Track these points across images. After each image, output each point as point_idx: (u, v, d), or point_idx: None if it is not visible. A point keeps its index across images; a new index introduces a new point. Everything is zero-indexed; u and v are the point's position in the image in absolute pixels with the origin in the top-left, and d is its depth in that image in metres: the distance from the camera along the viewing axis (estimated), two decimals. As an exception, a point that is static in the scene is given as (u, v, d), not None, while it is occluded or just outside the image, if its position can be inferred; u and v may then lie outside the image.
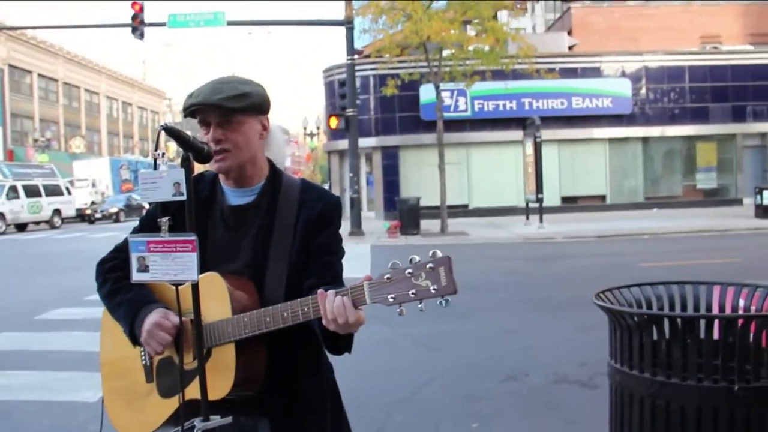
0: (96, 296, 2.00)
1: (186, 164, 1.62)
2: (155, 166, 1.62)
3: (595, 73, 26.54)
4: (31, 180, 30.59)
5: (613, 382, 2.49)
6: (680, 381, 2.20)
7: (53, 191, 31.58)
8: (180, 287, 1.70)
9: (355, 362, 5.69)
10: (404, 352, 6.53)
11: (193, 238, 1.60)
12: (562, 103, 25.83)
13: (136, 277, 1.65)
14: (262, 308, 1.70)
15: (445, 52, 20.09)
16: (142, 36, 20.53)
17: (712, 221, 19.80)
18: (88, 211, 35.29)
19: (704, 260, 11.96)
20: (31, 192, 29.70)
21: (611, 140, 26.71)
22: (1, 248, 20.60)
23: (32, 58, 44.05)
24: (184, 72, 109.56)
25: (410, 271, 1.57)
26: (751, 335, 2.16)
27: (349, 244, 7.32)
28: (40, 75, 45.30)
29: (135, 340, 1.80)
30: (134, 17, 20.12)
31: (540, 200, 19.65)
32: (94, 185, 39.09)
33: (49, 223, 31.00)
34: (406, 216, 19.70)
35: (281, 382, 1.85)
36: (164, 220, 1.61)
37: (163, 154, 1.63)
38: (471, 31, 20.55)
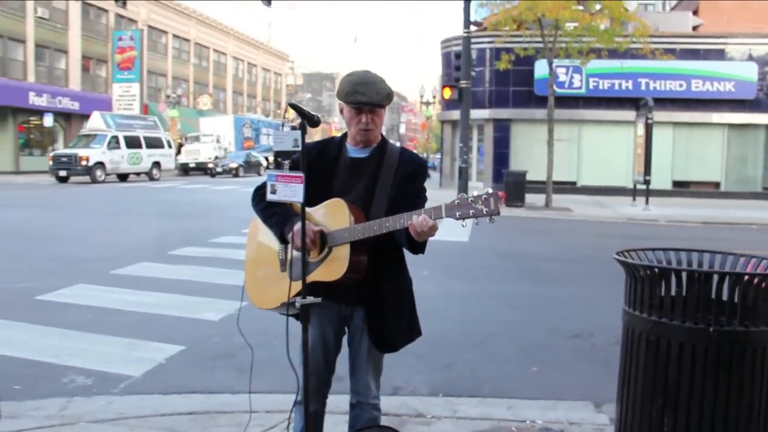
0: (219, 239, 2.90)
1: (302, 128, 2.46)
2: (282, 127, 2.45)
3: (719, 55, 25.63)
4: (133, 131, 31.13)
5: (624, 322, 3.10)
6: (668, 321, 2.81)
7: (154, 144, 32.24)
8: (310, 208, 2.59)
9: (440, 310, 6.56)
10: (485, 307, 7.22)
11: (301, 174, 2.44)
12: (681, 85, 25.20)
13: (269, 197, 2.52)
14: (370, 221, 2.53)
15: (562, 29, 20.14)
16: (269, 3, 21.80)
17: (831, 215, 19.02)
18: (210, 165, 37.06)
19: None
20: (132, 143, 30.28)
21: (731, 126, 25.82)
22: (131, 195, 22.67)
23: (168, 19, 46.92)
24: (305, 35, 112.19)
25: (471, 199, 2.36)
26: (726, 291, 2.73)
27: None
28: (174, 35, 48.20)
29: (283, 239, 2.67)
30: (264, -16, 21.38)
31: (647, 182, 19.53)
32: (218, 141, 41.20)
33: (149, 175, 31.62)
34: (512, 188, 20.05)
35: (372, 280, 2.66)
36: (286, 163, 2.47)
37: (288, 121, 2.48)
38: (588, 8, 20.42)
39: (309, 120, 2.44)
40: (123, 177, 30.57)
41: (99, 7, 39.50)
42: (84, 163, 27.38)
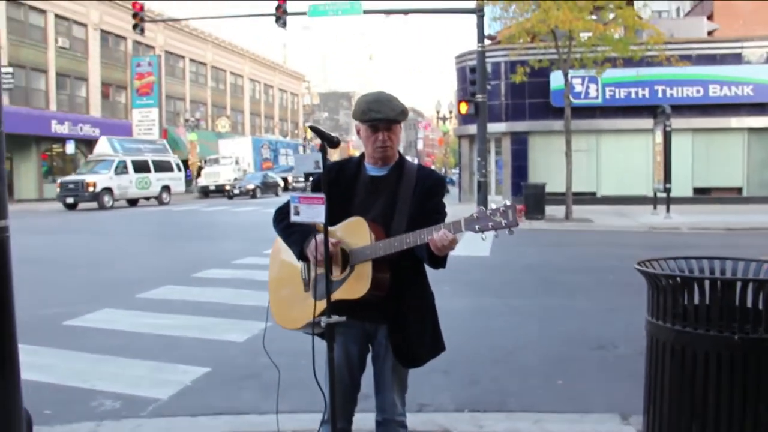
0: (241, 260, 2.93)
1: (323, 149, 2.52)
2: (303, 150, 2.50)
3: (736, 59, 25.45)
4: (142, 155, 30.79)
5: (648, 332, 3.10)
6: (692, 330, 2.80)
7: (163, 167, 31.70)
8: (331, 227, 2.61)
9: (463, 325, 6.56)
10: (508, 320, 7.20)
11: (323, 196, 2.48)
12: (698, 91, 25.04)
13: (293, 219, 2.57)
14: (391, 237, 2.57)
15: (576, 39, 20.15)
16: (284, 25, 22.07)
17: None
18: (228, 188, 37.08)
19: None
20: (141, 167, 29.86)
21: (750, 130, 25.58)
22: (152, 219, 22.90)
23: (185, 44, 47.61)
24: (322, 55, 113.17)
25: (490, 212, 2.41)
26: (750, 299, 2.73)
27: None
28: (191, 60, 48.89)
29: (303, 256, 2.71)
30: (278, 8, 21.72)
31: (668, 190, 19.38)
32: (237, 162, 41.60)
33: (158, 199, 31.09)
34: (532, 201, 19.98)
35: (395, 296, 2.68)
36: (308, 185, 2.47)
37: (309, 143, 2.52)
38: (601, 18, 20.42)
39: (329, 141, 2.49)
40: (132, 202, 30.37)
41: (117, 35, 40.21)
42: (91, 189, 27.07)
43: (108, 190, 27.89)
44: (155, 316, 7.22)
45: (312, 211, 2.42)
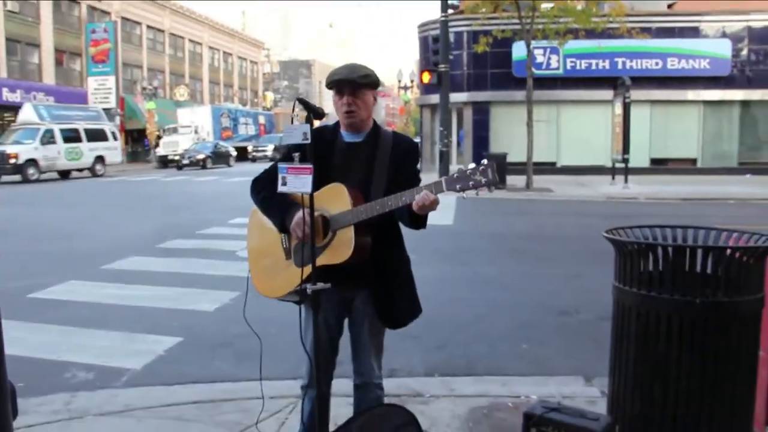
0: (206, 230, 2.95)
1: (309, 120, 2.52)
2: (292, 122, 2.54)
3: (694, 33, 25.92)
4: (72, 123, 28.10)
5: (614, 297, 3.23)
6: (657, 294, 2.94)
7: (97, 136, 29.05)
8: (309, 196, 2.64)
9: (431, 292, 6.68)
10: (474, 288, 7.37)
11: (310, 166, 2.50)
12: (657, 64, 25.47)
13: (280, 189, 2.57)
14: (372, 201, 2.61)
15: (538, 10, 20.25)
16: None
17: (805, 188, 19.42)
18: (176, 158, 35.50)
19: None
20: (71, 137, 27.24)
21: (706, 103, 26.18)
22: (112, 189, 22.54)
23: (142, 10, 46.38)
24: (282, 23, 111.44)
25: (470, 171, 2.47)
26: (711, 265, 2.87)
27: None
28: (148, 26, 47.70)
29: (284, 228, 2.74)
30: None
31: (626, 160, 19.78)
32: (196, 132, 40.97)
33: (91, 171, 28.60)
34: (492, 171, 20.15)
35: (375, 262, 2.74)
36: (296, 155, 2.52)
37: (296, 116, 2.56)
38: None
39: (315, 113, 2.52)
40: (64, 174, 28.07)
41: None
42: (13, 161, 24.69)
43: (33, 162, 25.37)
44: (122, 287, 7.19)
45: (299, 181, 2.45)
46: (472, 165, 2.48)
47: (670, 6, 28.91)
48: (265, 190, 2.82)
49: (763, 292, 3.01)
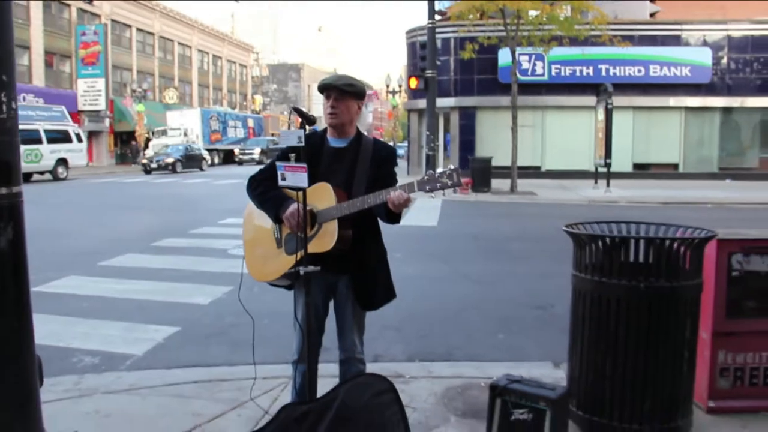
0: (198, 230, 3.32)
1: (303, 126, 2.94)
2: (288, 127, 2.93)
3: (675, 41, 26.55)
4: (31, 124, 26.14)
5: (572, 285, 3.64)
6: (608, 280, 3.34)
7: (58, 138, 27.57)
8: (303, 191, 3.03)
9: (414, 288, 7.07)
10: (456, 285, 7.76)
11: (305, 165, 2.90)
12: (639, 71, 26.05)
13: (280, 183, 2.96)
14: (354, 198, 3.01)
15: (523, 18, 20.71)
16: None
17: (781, 193, 19.95)
18: (144, 161, 34.08)
19: (754, 228, 12.53)
20: (29, 138, 24.98)
21: (687, 109, 26.79)
22: (106, 191, 22.78)
23: (132, 13, 46.58)
24: (271, 27, 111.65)
25: (438, 174, 2.87)
26: (652, 254, 3.29)
27: (422, 198, 8.60)
28: (138, 29, 47.89)
29: (278, 218, 3.13)
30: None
31: (608, 165, 20.25)
32: (185, 134, 41.17)
33: (53, 174, 27.04)
34: (478, 174, 20.56)
35: (355, 251, 3.13)
36: (292, 156, 2.92)
37: (293, 122, 2.96)
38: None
39: (308, 120, 2.94)
40: (24, 177, 26.27)
41: (61, 2, 39.17)
42: None
43: None
44: (121, 282, 7.54)
45: (296, 177, 2.86)
46: (440, 169, 2.87)
47: (652, 15, 29.51)
48: (261, 187, 3.22)
49: (701, 279, 3.43)
